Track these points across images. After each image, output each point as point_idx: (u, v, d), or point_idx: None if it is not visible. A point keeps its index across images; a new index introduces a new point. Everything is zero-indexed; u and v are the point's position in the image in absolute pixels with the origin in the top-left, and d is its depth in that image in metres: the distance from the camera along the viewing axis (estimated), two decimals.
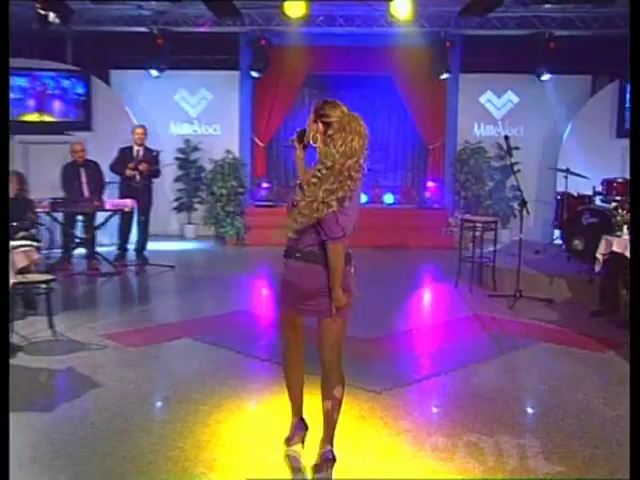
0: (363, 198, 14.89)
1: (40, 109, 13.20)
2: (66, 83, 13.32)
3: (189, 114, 14.73)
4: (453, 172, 14.51)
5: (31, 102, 13.15)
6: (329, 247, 4.18)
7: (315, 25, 13.24)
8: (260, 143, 14.86)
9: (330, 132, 4.17)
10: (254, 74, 14.05)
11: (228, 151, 14.32)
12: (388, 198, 15.07)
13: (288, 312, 4.52)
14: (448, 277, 10.28)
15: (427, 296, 9.62)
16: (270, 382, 5.85)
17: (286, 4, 10.80)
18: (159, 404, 5.83)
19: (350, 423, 5.16)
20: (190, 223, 14.65)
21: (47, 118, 13.25)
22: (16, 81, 12.89)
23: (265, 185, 14.52)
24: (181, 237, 14.47)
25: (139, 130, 11.57)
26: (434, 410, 5.81)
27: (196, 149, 14.43)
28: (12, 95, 12.71)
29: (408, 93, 14.63)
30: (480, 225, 10.05)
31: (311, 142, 4.32)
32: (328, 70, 14.62)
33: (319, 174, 4.14)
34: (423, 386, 6.15)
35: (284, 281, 4.44)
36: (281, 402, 5.17)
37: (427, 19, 13.23)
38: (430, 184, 14.77)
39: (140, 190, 11.14)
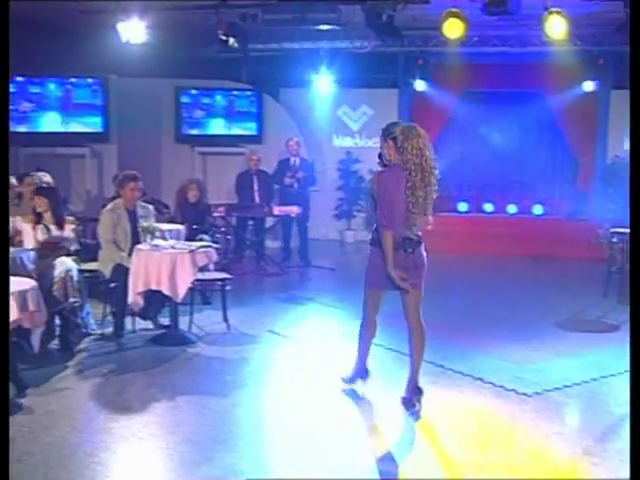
0: (513, 209, 14.57)
1: (225, 124, 13.74)
2: (244, 101, 13.79)
3: (351, 128, 14.83)
4: (602, 185, 13.92)
5: (219, 118, 13.76)
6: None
7: (470, 45, 13.01)
8: None
9: (399, 144, 4.85)
10: (417, 87, 13.98)
11: None
12: (537, 209, 14.60)
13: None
14: (597, 287, 9.83)
15: (576, 304, 9.21)
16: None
17: (445, 26, 10.64)
18: (322, 393, 5.79)
19: (502, 424, 5.04)
20: (350, 229, 14.75)
21: (228, 132, 13.75)
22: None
23: None
24: (340, 242, 14.60)
25: (292, 142, 11.85)
26: (585, 415, 5.59)
27: (356, 161, 14.52)
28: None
29: (559, 108, 14.12)
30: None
31: (387, 158, 5.05)
32: (482, 87, 14.37)
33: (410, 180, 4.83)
34: (573, 391, 5.88)
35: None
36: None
37: (580, 37, 12.71)
38: (579, 196, 14.24)
39: (299, 197, 11.34)
